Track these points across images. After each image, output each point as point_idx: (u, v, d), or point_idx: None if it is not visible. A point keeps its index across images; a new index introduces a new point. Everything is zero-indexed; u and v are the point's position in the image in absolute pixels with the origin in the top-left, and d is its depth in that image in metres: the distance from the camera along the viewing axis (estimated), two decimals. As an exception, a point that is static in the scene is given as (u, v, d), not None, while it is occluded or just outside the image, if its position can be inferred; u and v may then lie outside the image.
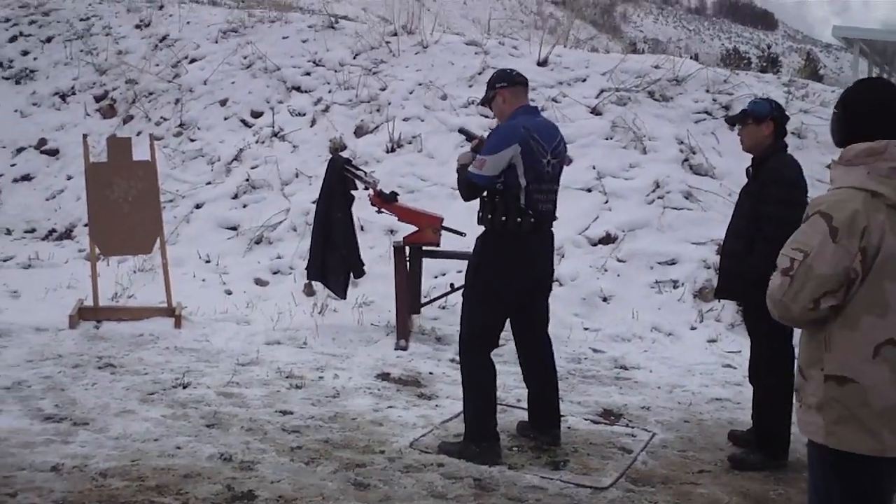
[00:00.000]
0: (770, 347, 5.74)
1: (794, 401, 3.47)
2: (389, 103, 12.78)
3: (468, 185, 5.63)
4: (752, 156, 5.91)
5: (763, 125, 5.79)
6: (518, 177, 5.47)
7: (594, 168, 11.21)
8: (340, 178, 8.54)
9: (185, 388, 6.75)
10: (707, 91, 12.79)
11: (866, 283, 3.13)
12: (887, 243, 3.11)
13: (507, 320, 5.84)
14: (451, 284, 8.76)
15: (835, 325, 3.20)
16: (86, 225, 9.80)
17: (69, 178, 12.45)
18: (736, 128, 6.11)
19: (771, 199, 5.51)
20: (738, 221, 5.89)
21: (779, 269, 3.24)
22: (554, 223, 5.81)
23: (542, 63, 13.63)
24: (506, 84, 5.78)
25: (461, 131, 6.53)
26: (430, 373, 7.53)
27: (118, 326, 8.44)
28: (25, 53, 15.74)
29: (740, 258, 5.70)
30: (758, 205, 5.61)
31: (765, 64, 43.36)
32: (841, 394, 3.19)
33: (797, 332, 3.51)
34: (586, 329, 8.95)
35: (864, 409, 3.16)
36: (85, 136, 9.41)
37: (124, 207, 8.82)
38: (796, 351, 3.86)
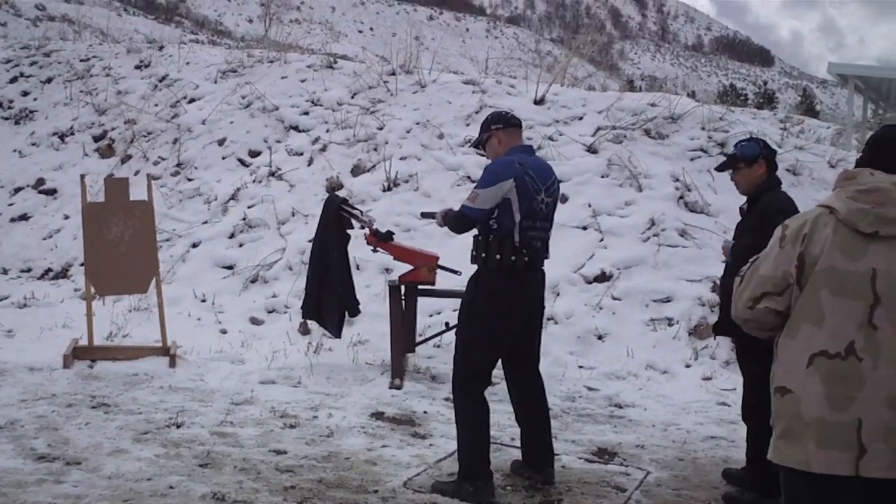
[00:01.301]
0: (760, 389, 5.73)
1: None
2: (387, 142, 12.85)
3: (460, 219, 5.66)
4: (746, 196, 5.95)
5: (756, 166, 5.81)
6: (513, 213, 5.48)
7: (590, 206, 11.25)
8: (337, 217, 8.57)
9: (178, 427, 6.74)
10: (703, 128, 12.86)
11: (805, 291, 3.30)
12: (830, 255, 3.27)
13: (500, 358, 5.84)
14: (446, 323, 8.77)
15: (781, 335, 3.40)
16: (82, 264, 9.83)
17: (66, 217, 12.50)
18: (729, 172, 6.10)
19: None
20: (736, 258, 5.91)
21: None
22: (547, 261, 5.83)
23: (539, 101, 13.72)
24: (501, 125, 5.81)
25: (424, 215, 6.60)
26: (425, 412, 7.52)
27: (113, 366, 8.43)
28: (26, 94, 15.89)
29: None
30: (762, 238, 5.60)
31: (761, 100, 43.54)
32: (782, 405, 3.35)
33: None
34: (581, 367, 8.94)
35: (796, 421, 3.29)
36: (82, 175, 9.44)
37: (121, 247, 8.84)
38: None
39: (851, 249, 3.27)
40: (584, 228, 10.95)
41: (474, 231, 5.68)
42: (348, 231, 8.67)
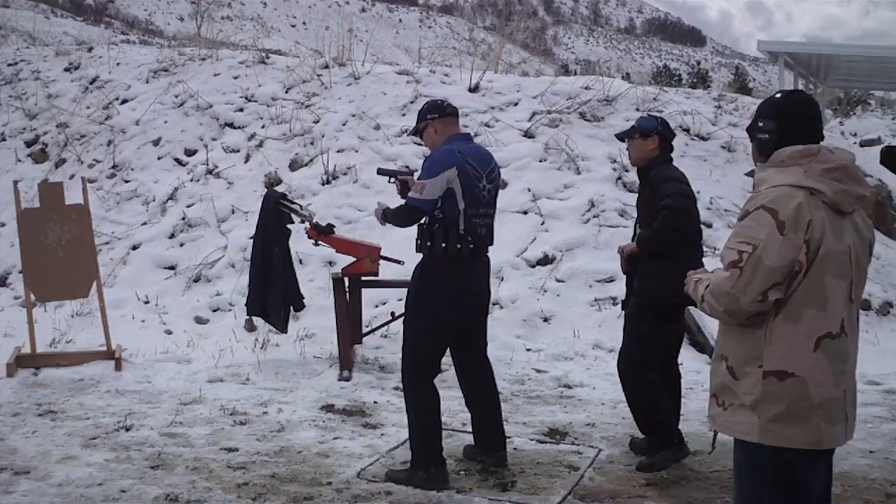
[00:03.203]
0: (645, 346, 5.89)
1: (715, 404, 3.50)
2: (323, 136, 12.81)
3: (410, 212, 5.63)
4: (637, 168, 6.21)
5: (649, 140, 6.03)
6: (457, 201, 5.51)
7: (529, 190, 11.31)
8: (276, 212, 8.54)
9: (127, 430, 6.68)
10: (637, 109, 12.98)
11: (808, 277, 3.25)
12: (827, 239, 3.24)
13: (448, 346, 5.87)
14: (392, 313, 8.78)
15: (777, 319, 3.29)
16: (20, 272, 9.67)
17: (2, 225, 12.28)
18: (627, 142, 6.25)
19: (666, 193, 5.73)
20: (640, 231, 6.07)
21: (725, 263, 3.34)
22: (491, 247, 5.86)
23: (474, 89, 13.75)
24: (437, 115, 5.82)
25: (380, 172, 6.58)
26: (375, 402, 7.52)
27: (57, 372, 8.30)
28: (-48, 102, 15.56)
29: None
30: (655, 204, 5.77)
31: (695, 80, 43.99)
32: (781, 388, 3.27)
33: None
34: (528, 350, 9.00)
35: (803, 403, 3.26)
36: (15, 182, 9.31)
37: (58, 252, 8.71)
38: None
39: (837, 230, 3.30)
40: (525, 213, 11.01)
41: (419, 220, 5.69)
42: (288, 226, 8.65)
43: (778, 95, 3.58)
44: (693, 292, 3.57)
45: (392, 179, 6.34)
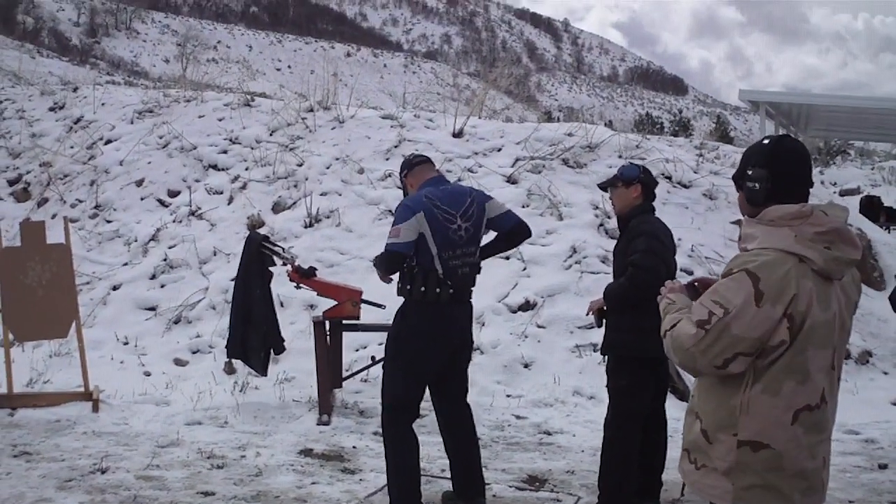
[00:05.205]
0: (621, 399, 5.83)
1: (687, 460, 3.42)
2: (307, 179, 12.83)
3: (390, 257, 5.57)
4: (618, 217, 6.16)
5: (632, 188, 5.99)
6: (429, 246, 5.53)
7: (512, 236, 11.31)
8: (258, 255, 8.55)
9: (103, 473, 6.61)
10: (620, 156, 13.05)
11: (791, 349, 3.09)
12: (813, 311, 3.09)
13: (428, 390, 5.85)
14: (373, 357, 8.76)
15: (754, 388, 3.15)
16: (-1, 311, 9.63)
17: (-18, 263, 12.22)
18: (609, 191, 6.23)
19: (636, 249, 5.70)
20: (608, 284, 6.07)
21: (693, 319, 3.19)
22: (473, 291, 5.84)
23: (458, 134, 13.81)
24: (406, 171, 5.99)
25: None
26: (354, 447, 7.47)
27: (34, 413, 8.23)
28: (-65, 139, 15.56)
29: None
30: (627, 258, 5.77)
31: (677, 128, 44.29)
32: (755, 459, 3.17)
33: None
34: (508, 396, 8.98)
35: (777, 474, 3.15)
36: (-3, 220, 9.28)
37: (38, 291, 8.67)
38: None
39: (823, 299, 3.14)
40: (507, 258, 11.01)
41: (398, 264, 5.68)
42: (270, 268, 8.65)
43: (766, 141, 3.36)
44: (662, 311, 3.44)
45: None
